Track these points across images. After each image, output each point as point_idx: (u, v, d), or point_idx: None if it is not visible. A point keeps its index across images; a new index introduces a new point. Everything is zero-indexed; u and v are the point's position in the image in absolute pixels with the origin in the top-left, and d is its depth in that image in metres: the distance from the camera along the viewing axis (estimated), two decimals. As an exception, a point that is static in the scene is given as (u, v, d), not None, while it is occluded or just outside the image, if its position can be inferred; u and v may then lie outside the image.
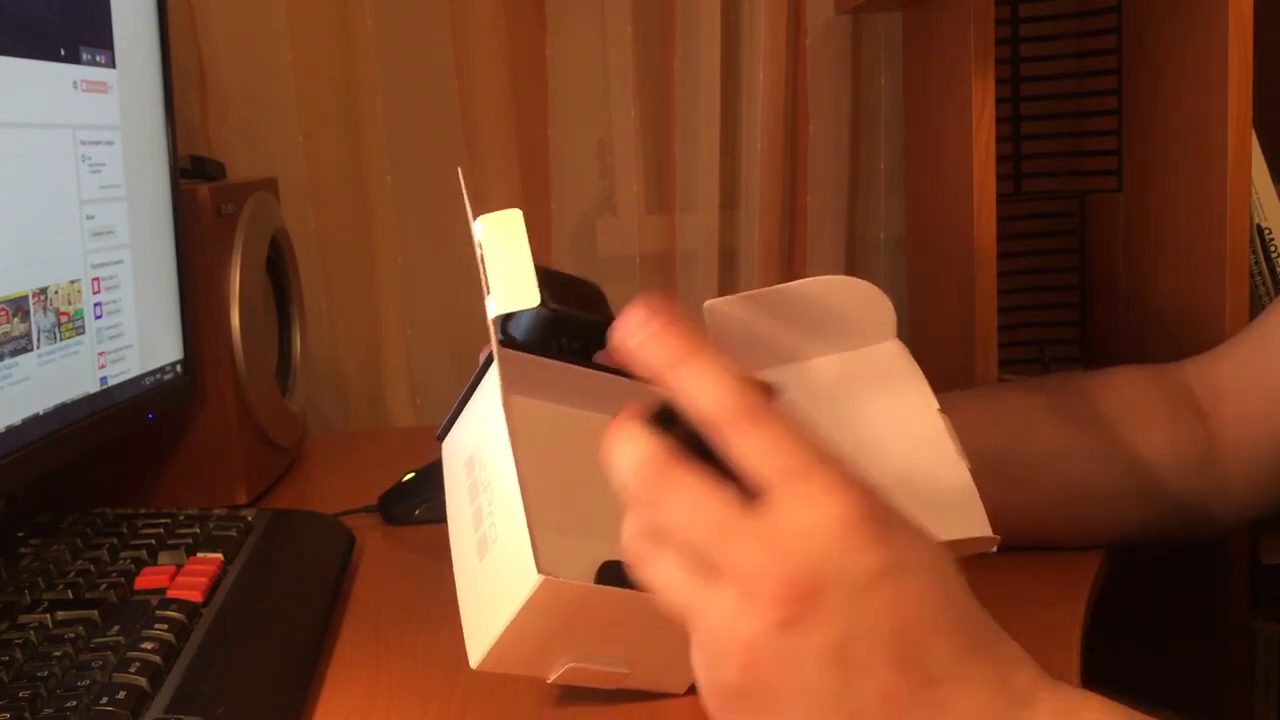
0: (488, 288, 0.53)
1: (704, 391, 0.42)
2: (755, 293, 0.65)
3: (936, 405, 0.63)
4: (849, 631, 0.40)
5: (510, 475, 0.51)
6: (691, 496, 0.42)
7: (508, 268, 0.53)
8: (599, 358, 0.67)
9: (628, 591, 0.53)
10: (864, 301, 0.66)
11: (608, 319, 0.69)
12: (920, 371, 0.65)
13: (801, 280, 0.66)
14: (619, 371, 0.65)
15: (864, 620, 0.40)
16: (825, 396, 0.66)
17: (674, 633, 0.55)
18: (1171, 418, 0.74)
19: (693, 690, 0.59)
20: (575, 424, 0.64)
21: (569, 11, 1.25)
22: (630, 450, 0.43)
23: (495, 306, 0.53)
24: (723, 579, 0.41)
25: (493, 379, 0.56)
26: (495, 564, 0.53)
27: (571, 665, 0.55)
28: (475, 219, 0.55)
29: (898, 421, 0.64)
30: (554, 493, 0.54)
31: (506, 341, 0.63)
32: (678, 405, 0.42)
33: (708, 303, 0.65)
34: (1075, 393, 0.77)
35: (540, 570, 0.50)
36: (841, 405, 0.65)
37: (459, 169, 0.60)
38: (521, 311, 0.66)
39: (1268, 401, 0.73)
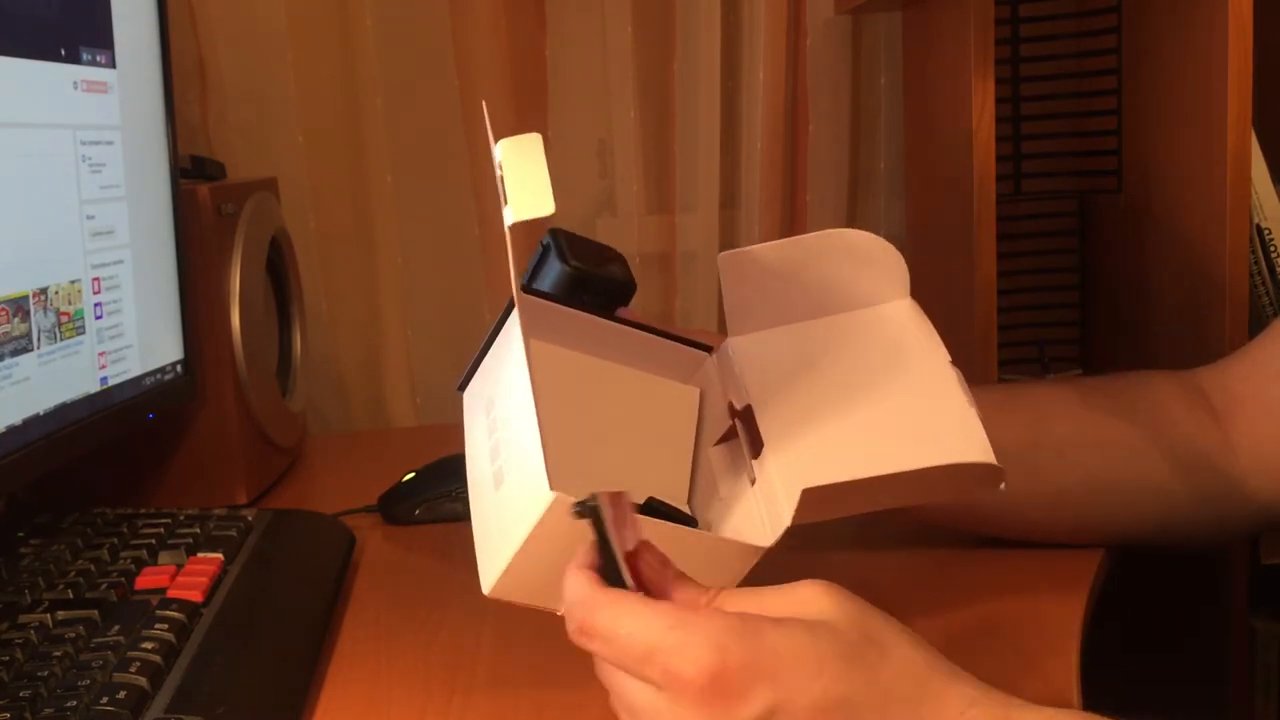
0: (505, 199, 0.54)
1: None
2: (771, 244, 0.66)
3: (948, 358, 0.63)
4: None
5: (527, 405, 0.52)
6: (610, 638, 0.46)
7: (525, 180, 0.54)
8: (620, 315, 0.68)
9: (639, 517, 0.54)
10: (880, 257, 0.67)
11: (630, 280, 0.70)
12: (933, 328, 0.66)
13: (816, 232, 0.66)
14: (638, 324, 0.66)
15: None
16: (837, 353, 0.66)
17: (688, 567, 0.55)
18: (1186, 417, 0.74)
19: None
20: (592, 371, 0.66)
21: (569, 11, 1.25)
22: (567, 591, 0.48)
23: (512, 214, 0.54)
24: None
25: (512, 320, 0.57)
26: (509, 492, 0.54)
27: None
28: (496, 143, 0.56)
29: (908, 375, 0.64)
30: (570, 435, 0.55)
31: (533, 295, 0.65)
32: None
33: (722, 254, 0.66)
34: (1091, 390, 0.77)
35: (553, 489, 0.50)
36: (853, 361, 0.66)
37: (483, 103, 0.61)
38: (547, 270, 0.68)
39: None
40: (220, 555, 0.72)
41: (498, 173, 0.55)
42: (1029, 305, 1.25)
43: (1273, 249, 0.98)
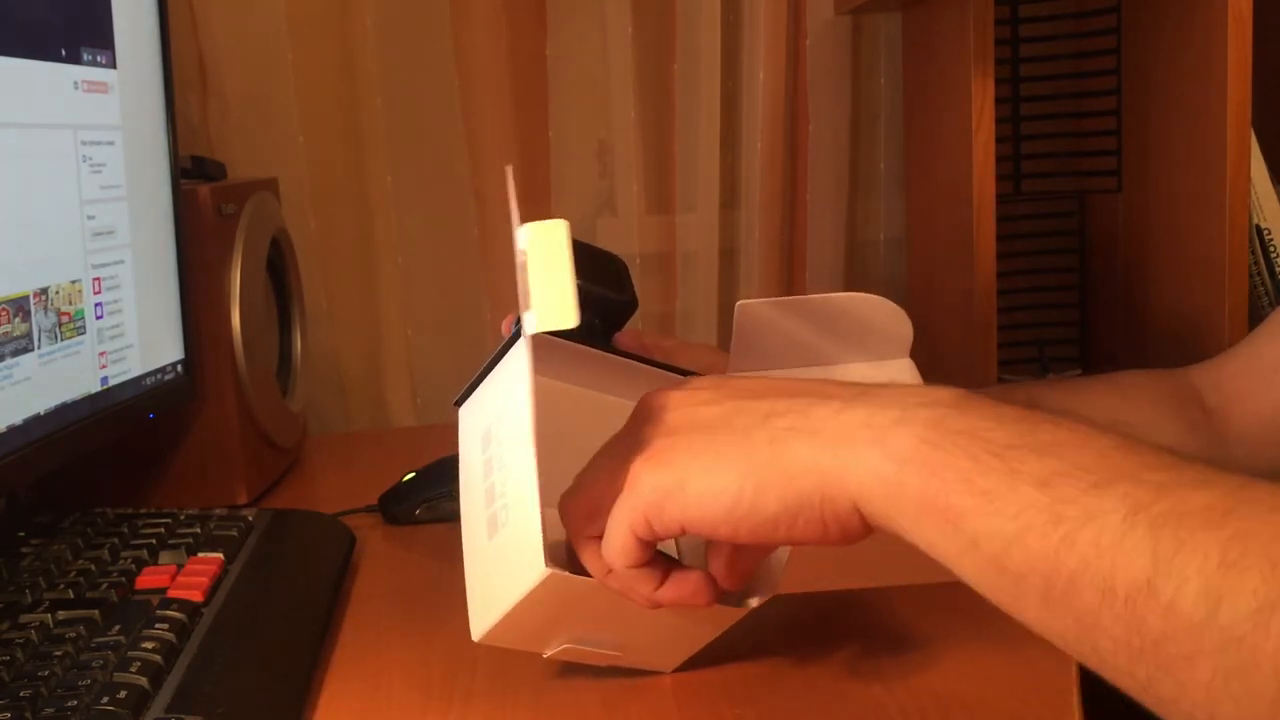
0: (527, 303, 0.51)
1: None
2: (788, 299, 0.70)
3: None
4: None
5: (528, 465, 0.51)
6: None
7: (549, 284, 0.51)
8: (618, 339, 0.68)
9: None
10: (888, 320, 0.70)
11: (631, 298, 0.71)
12: (922, 382, 0.67)
13: (834, 294, 0.70)
14: (637, 357, 0.67)
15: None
16: None
17: (667, 620, 0.56)
18: (1178, 413, 0.74)
19: (680, 670, 0.60)
20: (589, 406, 0.66)
21: (569, 11, 1.25)
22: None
23: (533, 324, 0.51)
24: None
25: (522, 363, 0.55)
26: (504, 546, 0.54)
27: (567, 645, 0.58)
28: (520, 225, 0.52)
29: None
30: (564, 475, 0.55)
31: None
32: None
33: (741, 302, 0.68)
34: (1080, 389, 0.77)
35: (548, 564, 0.51)
36: None
37: (508, 169, 0.59)
38: None
39: (1276, 397, 0.73)
40: (220, 555, 0.73)
41: (518, 260, 0.51)
42: (1029, 305, 1.25)
43: (1272, 249, 0.98)
